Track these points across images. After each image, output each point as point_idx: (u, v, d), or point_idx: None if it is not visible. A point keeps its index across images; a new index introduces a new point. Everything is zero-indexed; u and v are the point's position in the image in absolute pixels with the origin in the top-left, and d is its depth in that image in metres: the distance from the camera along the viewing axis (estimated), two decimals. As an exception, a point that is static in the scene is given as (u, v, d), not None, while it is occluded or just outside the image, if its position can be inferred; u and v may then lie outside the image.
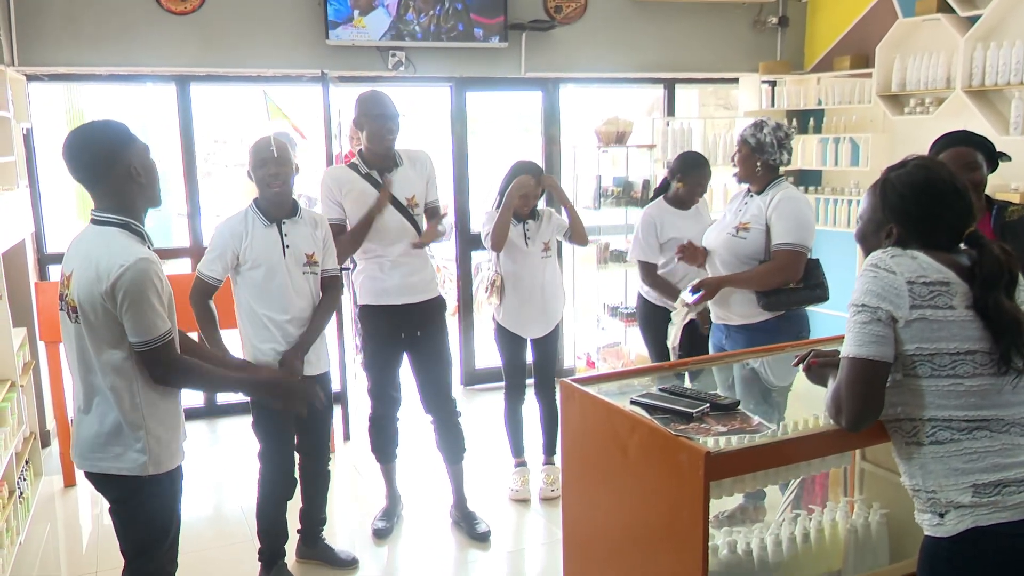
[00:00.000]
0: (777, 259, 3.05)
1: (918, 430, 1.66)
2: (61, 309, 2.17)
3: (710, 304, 3.24)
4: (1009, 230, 2.50)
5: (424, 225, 3.36)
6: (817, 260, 3.16)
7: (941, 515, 1.62)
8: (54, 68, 4.50)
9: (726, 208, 3.35)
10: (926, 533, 1.67)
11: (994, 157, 2.57)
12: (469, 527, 3.56)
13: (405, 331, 3.39)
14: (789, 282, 3.06)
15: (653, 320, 3.91)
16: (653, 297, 3.89)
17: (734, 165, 3.22)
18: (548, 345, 3.90)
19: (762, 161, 3.12)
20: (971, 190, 2.43)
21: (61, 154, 2.10)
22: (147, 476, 2.14)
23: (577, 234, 3.87)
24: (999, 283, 1.64)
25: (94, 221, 2.14)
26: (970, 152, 2.51)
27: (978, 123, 4.55)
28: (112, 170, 2.08)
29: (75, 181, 2.13)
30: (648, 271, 3.79)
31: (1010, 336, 1.62)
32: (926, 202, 1.71)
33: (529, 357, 3.92)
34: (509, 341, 3.86)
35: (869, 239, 1.79)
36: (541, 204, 3.92)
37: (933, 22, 4.81)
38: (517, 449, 3.98)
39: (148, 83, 4.82)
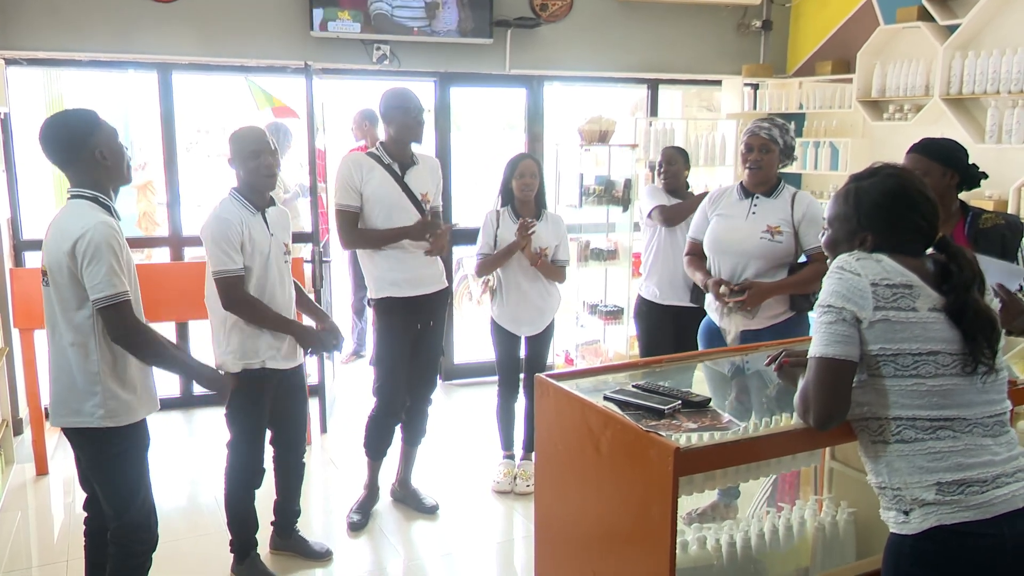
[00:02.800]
0: (824, 259, 3.05)
1: (884, 429, 1.69)
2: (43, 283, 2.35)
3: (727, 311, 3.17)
4: (983, 237, 2.52)
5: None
6: None
7: (906, 512, 1.66)
8: (34, 52, 4.46)
9: (719, 209, 3.25)
10: (891, 530, 1.70)
11: (967, 168, 2.57)
12: (416, 502, 3.71)
13: (420, 322, 3.50)
14: None
15: (646, 316, 4.09)
16: (646, 293, 4.08)
17: (751, 166, 3.12)
18: (540, 343, 3.95)
19: (783, 164, 3.14)
20: None
21: (38, 140, 2.31)
22: (104, 428, 2.30)
23: (555, 274, 3.91)
24: (974, 284, 1.69)
25: (69, 197, 2.33)
26: (920, 159, 2.54)
27: (955, 131, 4.62)
28: (79, 154, 2.28)
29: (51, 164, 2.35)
30: (663, 210, 4.06)
31: (983, 335, 1.66)
32: (901, 210, 1.74)
33: (523, 352, 3.97)
34: (503, 337, 3.91)
35: (841, 247, 1.81)
36: (550, 208, 4.03)
37: (913, 30, 4.86)
38: (507, 442, 4.02)
39: (130, 70, 4.78)
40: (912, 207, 1.75)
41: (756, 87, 5.83)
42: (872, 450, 1.73)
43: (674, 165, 4.15)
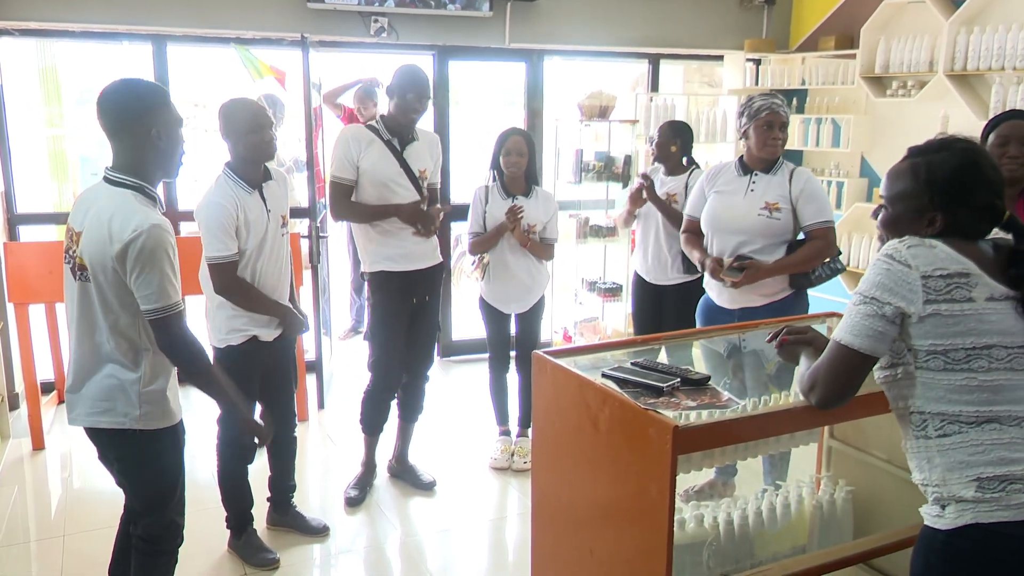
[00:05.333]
0: (822, 237, 3.06)
1: (927, 424, 1.61)
2: (66, 263, 2.17)
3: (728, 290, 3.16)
4: None
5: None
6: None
7: (943, 507, 1.58)
8: (25, 23, 4.38)
9: (717, 185, 3.19)
10: (925, 523, 1.62)
11: None
12: (413, 478, 3.71)
13: (415, 296, 3.48)
14: (828, 257, 3.11)
15: (636, 291, 4.04)
16: (638, 268, 4.01)
17: (773, 143, 3.06)
18: (531, 320, 3.92)
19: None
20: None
21: (96, 100, 2.10)
22: (145, 431, 2.18)
23: (543, 252, 3.85)
24: None
25: (107, 180, 2.13)
26: None
27: (958, 108, 4.57)
28: (134, 127, 2.08)
29: (101, 130, 2.13)
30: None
31: None
32: (978, 189, 1.62)
33: (514, 329, 3.96)
34: (492, 315, 3.90)
35: (904, 227, 1.66)
36: (549, 184, 3.96)
37: (918, 5, 4.80)
38: (502, 417, 4.02)
39: (124, 42, 4.71)
40: (987, 184, 1.62)
41: (758, 63, 5.76)
42: (914, 445, 1.64)
43: (661, 139, 3.95)
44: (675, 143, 3.93)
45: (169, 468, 2.29)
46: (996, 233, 1.67)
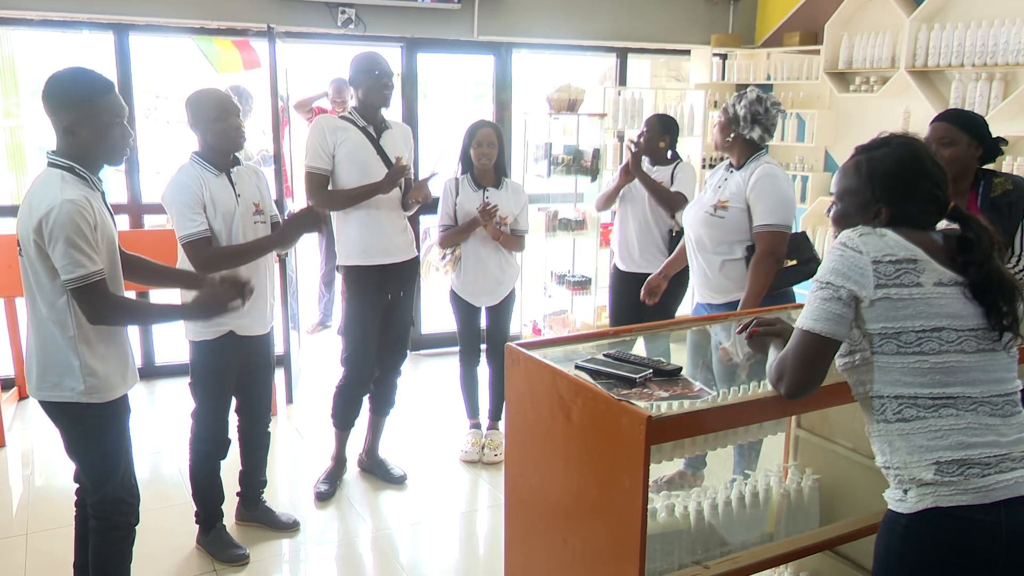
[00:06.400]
0: (761, 243, 2.95)
1: (885, 407, 1.65)
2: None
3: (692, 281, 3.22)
4: (994, 207, 2.51)
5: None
6: (804, 233, 3.16)
7: (905, 491, 1.62)
8: (-19, 11, 4.28)
9: (708, 183, 3.23)
10: (888, 507, 1.66)
11: (991, 142, 2.57)
12: (384, 472, 3.71)
13: (390, 291, 3.47)
14: (780, 263, 2.97)
15: (618, 287, 4.05)
16: (620, 262, 4.00)
17: (714, 136, 3.16)
18: (501, 312, 3.93)
19: (735, 133, 3.04)
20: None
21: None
22: (85, 404, 2.25)
23: (514, 244, 3.86)
24: (994, 252, 1.64)
25: (48, 163, 2.22)
26: (949, 128, 2.55)
27: (919, 103, 4.67)
28: (62, 115, 2.16)
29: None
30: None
31: (1006, 301, 1.61)
32: (916, 180, 1.69)
33: (484, 322, 3.96)
34: (463, 308, 3.89)
35: (853, 221, 1.73)
36: (518, 177, 3.95)
37: (881, 1, 4.88)
38: (472, 411, 4.02)
39: (84, 31, 4.61)
40: (927, 176, 1.69)
41: (724, 57, 5.82)
42: (875, 429, 1.69)
43: (650, 133, 3.98)
44: (664, 139, 3.96)
45: (112, 443, 2.34)
46: (949, 226, 1.73)
